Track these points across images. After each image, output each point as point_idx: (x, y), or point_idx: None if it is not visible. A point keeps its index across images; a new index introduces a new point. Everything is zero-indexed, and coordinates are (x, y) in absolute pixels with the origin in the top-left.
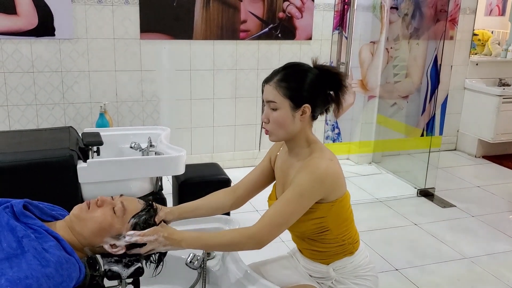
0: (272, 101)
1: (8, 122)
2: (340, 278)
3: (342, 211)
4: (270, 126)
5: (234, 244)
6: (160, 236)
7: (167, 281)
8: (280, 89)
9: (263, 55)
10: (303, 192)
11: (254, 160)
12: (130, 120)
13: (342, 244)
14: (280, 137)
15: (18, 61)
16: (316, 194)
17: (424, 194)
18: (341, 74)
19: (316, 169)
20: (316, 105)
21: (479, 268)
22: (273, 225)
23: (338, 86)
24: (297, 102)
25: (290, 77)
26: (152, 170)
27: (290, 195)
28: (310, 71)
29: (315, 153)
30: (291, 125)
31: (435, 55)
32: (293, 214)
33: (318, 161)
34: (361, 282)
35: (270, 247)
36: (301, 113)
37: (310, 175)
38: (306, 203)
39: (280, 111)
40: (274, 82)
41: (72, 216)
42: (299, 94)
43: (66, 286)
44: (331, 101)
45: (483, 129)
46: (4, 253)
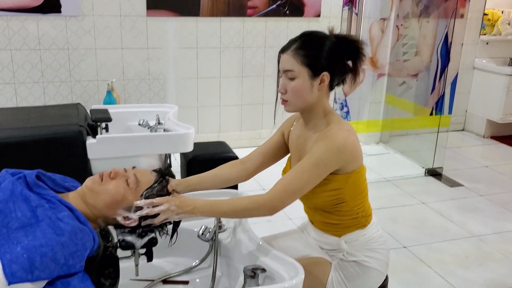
0: (289, 70)
1: (15, 99)
2: (351, 250)
3: (359, 183)
4: (288, 96)
5: (247, 210)
6: (172, 205)
7: (180, 253)
8: (298, 57)
9: (271, 33)
10: (319, 161)
11: (261, 140)
12: (136, 99)
13: (356, 217)
14: (298, 107)
15: (24, 38)
16: (333, 164)
17: (432, 173)
18: (360, 41)
19: (334, 139)
20: (334, 73)
21: (487, 246)
22: (287, 192)
23: (356, 55)
24: (315, 70)
25: (308, 45)
26: (161, 147)
27: (305, 164)
28: (328, 38)
29: (333, 123)
30: (309, 95)
31: (446, 33)
32: (307, 182)
33: (336, 132)
34: (372, 255)
35: (278, 223)
36: (319, 82)
37: (327, 145)
38: (322, 172)
39: (298, 80)
40: (291, 50)
41: (85, 188)
42: (318, 62)
43: (80, 255)
44: (348, 71)
45: (491, 109)
46: (19, 222)
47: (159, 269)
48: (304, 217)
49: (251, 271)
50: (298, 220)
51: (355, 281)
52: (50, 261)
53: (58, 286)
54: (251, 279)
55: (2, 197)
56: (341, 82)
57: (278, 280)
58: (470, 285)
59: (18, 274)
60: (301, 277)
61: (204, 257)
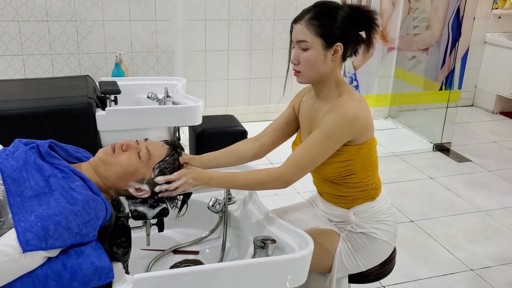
0: (303, 40)
1: (23, 71)
2: (360, 222)
3: (369, 155)
4: (301, 67)
5: (260, 183)
6: (189, 178)
7: (190, 224)
8: (312, 27)
9: (280, 5)
10: (330, 133)
11: (269, 114)
12: (145, 71)
13: (365, 189)
14: (311, 78)
15: (32, 9)
16: (345, 135)
17: (440, 149)
18: (373, 12)
19: (346, 110)
20: (348, 44)
21: (494, 220)
22: (300, 165)
23: (369, 25)
24: (329, 40)
25: (321, 15)
26: (170, 119)
27: (317, 136)
28: (341, 8)
29: (344, 94)
30: (322, 66)
31: (458, 7)
32: (319, 155)
33: (348, 102)
34: (381, 227)
35: (285, 197)
36: (333, 53)
37: (339, 116)
38: (334, 144)
39: (311, 50)
40: (305, 20)
41: (97, 160)
42: (332, 32)
43: (93, 224)
44: (361, 41)
45: (501, 85)
46: (33, 191)
47: (170, 239)
48: (311, 191)
49: (261, 242)
50: (305, 194)
51: (363, 252)
52: (64, 229)
53: (71, 254)
54: (261, 249)
55: (16, 166)
56: (353, 53)
57: (288, 251)
58: (477, 259)
59: (33, 242)
60: (311, 248)
61: (214, 228)
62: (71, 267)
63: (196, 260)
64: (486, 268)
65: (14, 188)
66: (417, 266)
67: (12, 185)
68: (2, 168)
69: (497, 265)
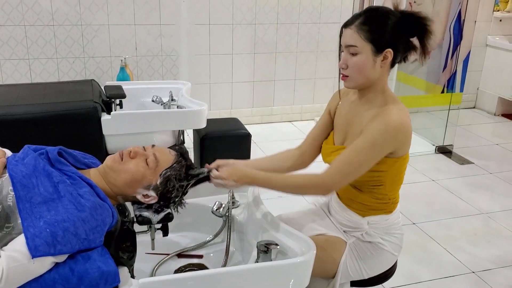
0: (352, 45)
1: (29, 75)
2: (370, 231)
3: (401, 170)
4: (349, 71)
5: (301, 188)
6: (230, 181)
7: (194, 228)
8: (362, 32)
9: (283, 9)
10: (375, 142)
11: (273, 116)
12: (149, 75)
13: (387, 202)
14: (359, 83)
15: (38, 14)
16: (389, 146)
17: (442, 151)
18: (427, 18)
19: (391, 119)
20: (398, 50)
21: (496, 223)
22: (342, 174)
23: (423, 31)
24: (379, 46)
25: (372, 20)
26: (174, 123)
27: (361, 144)
28: (393, 14)
29: (391, 103)
30: (371, 71)
31: (459, 10)
32: (363, 164)
33: (393, 111)
34: (389, 239)
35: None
36: (382, 58)
37: (384, 124)
38: (378, 153)
39: (360, 55)
40: (355, 25)
41: (106, 167)
42: (382, 38)
43: (100, 230)
44: (412, 48)
45: (503, 87)
46: (42, 197)
47: (174, 243)
48: None
49: (264, 246)
50: (309, 196)
51: (368, 261)
52: (72, 235)
53: (79, 259)
54: (264, 254)
55: (25, 172)
56: (403, 59)
57: (290, 255)
58: (478, 261)
59: (41, 248)
60: (313, 252)
61: (218, 232)
62: (78, 272)
63: (200, 264)
64: (487, 270)
65: (23, 194)
66: (419, 269)
67: (21, 191)
68: (12, 174)
69: (498, 267)
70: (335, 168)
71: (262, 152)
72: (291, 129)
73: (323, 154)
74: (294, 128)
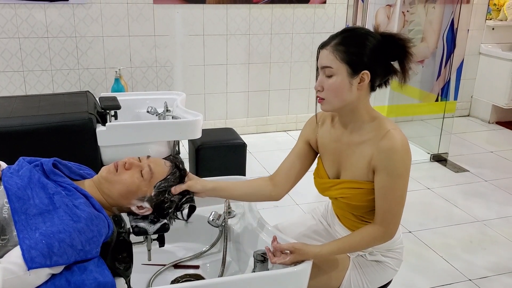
0: (328, 66)
1: (24, 87)
2: (373, 251)
3: None
4: (325, 94)
5: (369, 245)
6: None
7: (190, 238)
8: (338, 53)
9: (277, 19)
10: (399, 171)
11: (267, 126)
12: (144, 86)
13: None
14: (335, 106)
15: (32, 26)
16: (409, 164)
17: (437, 159)
18: (408, 40)
19: (398, 142)
20: (376, 73)
21: (491, 230)
22: (395, 215)
23: (403, 54)
24: (355, 68)
25: (349, 41)
26: (170, 134)
27: (390, 182)
28: (371, 35)
29: (385, 125)
30: (347, 94)
31: (452, 19)
32: (403, 195)
33: (395, 134)
34: (391, 255)
35: (285, 209)
36: (359, 81)
37: (397, 151)
38: (407, 178)
39: (336, 77)
40: (331, 46)
41: (101, 178)
42: (359, 59)
43: (96, 241)
44: (393, 72)
45: (497, 95)
46: (37, 208)
47: (170, 254)
48: (310, 202)
49: (261, 256)
50: (305, 206)
51: (370, 277)
52: (68, 246)
53: (75, 270)
54: (260, 263)
55: (20, 184)
56: (383, 84)
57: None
58: (474, 269)
59: (37, 259)
60: (310, 263)
61: (214, 242)
62: (74, 283)
63: (197, 274)
64: (484, 278)
65: (19, 206)
66: (416, 277)
67: (17, 203)
68: (7, 186)
69: (495, 274)
70: (385, 214)
71: (257, 161)
72: (286, 139)
73: (319, 188)
74: (289, 138)
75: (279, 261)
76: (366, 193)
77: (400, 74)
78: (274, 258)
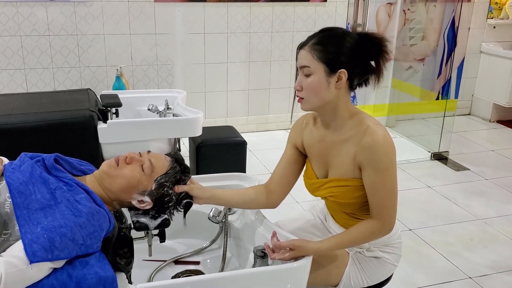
0: (305, 66)
1: (25, 85)
2: (371, 247)
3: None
4: (304, 93)
5: (367, 239)
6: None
7: (191, 234)
8: (315, 52)
9: (277, 18)
10: (386, 165)
11: (268, 124)
12: (145, 84)
13: None
14: (314, 105)
15: (34, 24)
16: (395, 158)
17: (437, 157)
18: (384, 39)
19: (380, 137)
20: (354, 72)
21: (492, 228)
22: (391, 208)
23: (379, 53)
24: (332, 66)
25: (326, 40)
26: (170, 131)
27: (378, 177)
28: (348, 35)
29: (365, 121)
30: (325, 92)
31: (453, 17)
32: (394, 187)
33: (376, 129)
34: (390, 250)
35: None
36: (336, 79)
37: (380, 145)
38: (394, 170)
39: (313, 76)
40: (309, 46)
41: (101, 172)
42: (335, 58)
43: (97, 235)
44: (371, 72)
45: (498, 93)
46: (39, 203)
47: (171, 250)
48: (310, 200)
49: (261, 252)
50: (304, 204)
51: (369, 272)
52: (69, 241)
53: (76, 265)
54: (260, 259)
55: (22, 179)
56: (363, 83)
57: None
58: (474, 267)
59: (39, 253)
60: (309, 258)
61: (214, 238)
62: (76, 277)
63: (197, 270)
64: (484, 276)
65: (21, 201)
66: (416, 274)
67: (19, 198)
68: (9, 181)
69: (495, 272)
70: (380, 208)
71: (258, 159)
72: (286, 137)
73: (310, 189)
74: None
75: (278, 257)
76: (353, 190)
77: (375, 75)
78: (274, 254)
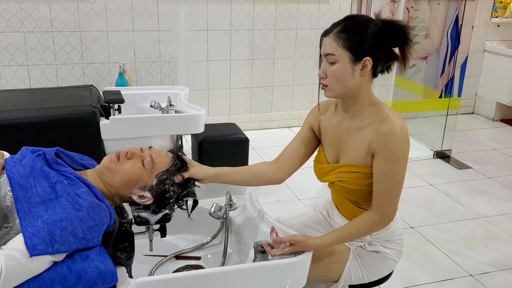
0: (330, 53)
1: (28, 81)
2: (372, 241)
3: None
4: (328, 81)
5: (367, 232)
6: (286, 251)
7: (192, 230)
8: (340, 40)
9: (281, 15)
10: (397, 156)
11: (271, 122)
12: (148, 81)
13: None
14: (338, 92)
15: (37, 20)
16: (408, 149)
17: (440, 156)
18: (407, 26)
19: (397, 127)
20: (378, 59)
21: (494, 227)
22: (391, 200)
23: (403, 40)
24: (357, 54)
25: (351, 28)
26: (172, 128)
27: (387, 166)
28: (372, 22)
29: (384, 111)
30: (350, 80)
31: (456, 16)
32: (400, 180)
33: (394, 119)
34: (391, 246)
35: (287, 203)
36: (361, 67)
37: (395, 135)
38: (404, 163)
39: (339, 64)
40: (333, 33)
41: (102, 167)
42: (361, 46)
43: (98, 229)
44: (393, 58)
45: (501, 92)
46: (39, 197)
47: (172, 245)
48: (312, 198)
49: (261, 247)
50: (306, 201)
51: (370, 268)
52: (69, 234)
53: (76, 258)
54: (261, 254)
55: (23, 173)
56: (385, 70)
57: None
58: (476, 265)
59: (39, 247)
60: (309, 254)
61: (215, 234)
62: (76, 271)
63: (198, 265)
64: (485, 273)
65: (21, 194)
66: (417, 272)
67: (19, 191)
68: (10, 175)
69: (496, 270)
70: (382, 199)
71: (260, 157)
72: (289, 135)
73: (318, 174)
74: (292, 134)
75: (278, 252)
76: (363, 177)
77: (400, 60)
78: (273, 251)
